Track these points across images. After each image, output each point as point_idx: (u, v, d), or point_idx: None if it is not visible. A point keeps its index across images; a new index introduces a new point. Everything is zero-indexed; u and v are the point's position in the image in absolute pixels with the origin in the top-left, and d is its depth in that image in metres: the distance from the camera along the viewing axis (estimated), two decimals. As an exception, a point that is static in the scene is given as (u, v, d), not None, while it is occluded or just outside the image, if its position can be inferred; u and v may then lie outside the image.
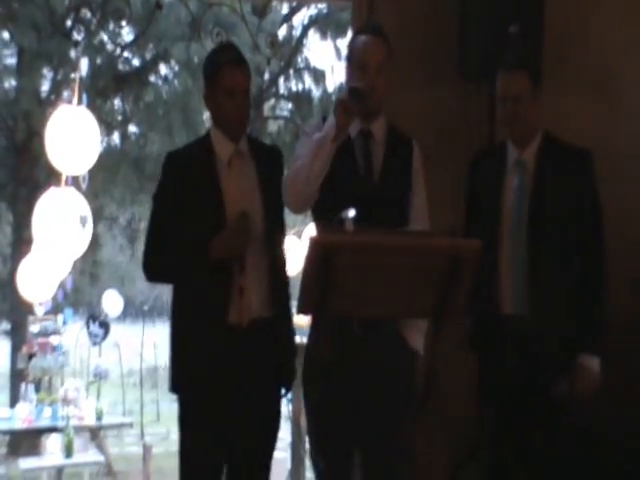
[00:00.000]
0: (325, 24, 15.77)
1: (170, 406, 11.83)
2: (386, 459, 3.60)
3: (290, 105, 16.68)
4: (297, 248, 9.72)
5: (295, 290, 3.47)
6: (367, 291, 3.32)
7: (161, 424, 16.02)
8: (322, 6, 15.73)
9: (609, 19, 4.87)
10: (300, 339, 3.86)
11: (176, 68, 15.16)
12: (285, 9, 15.95)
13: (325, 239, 3.26)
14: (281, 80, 16.46)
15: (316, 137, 3.59)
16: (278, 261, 3.82)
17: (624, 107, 4.89)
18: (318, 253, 3.22)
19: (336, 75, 16.27)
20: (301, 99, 15.98)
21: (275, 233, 3.83)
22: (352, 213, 3.30)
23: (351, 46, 3.78)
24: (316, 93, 16.17)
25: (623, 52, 4.86)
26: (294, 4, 15.56)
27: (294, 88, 16.30)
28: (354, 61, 3.73)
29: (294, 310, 3.50)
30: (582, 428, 4.07)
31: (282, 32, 16.12)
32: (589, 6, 4.86)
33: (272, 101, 16.89)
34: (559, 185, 3.83)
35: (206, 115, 16.05)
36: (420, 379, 3.61)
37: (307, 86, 15.91)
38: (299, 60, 16.34)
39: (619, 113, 4.87)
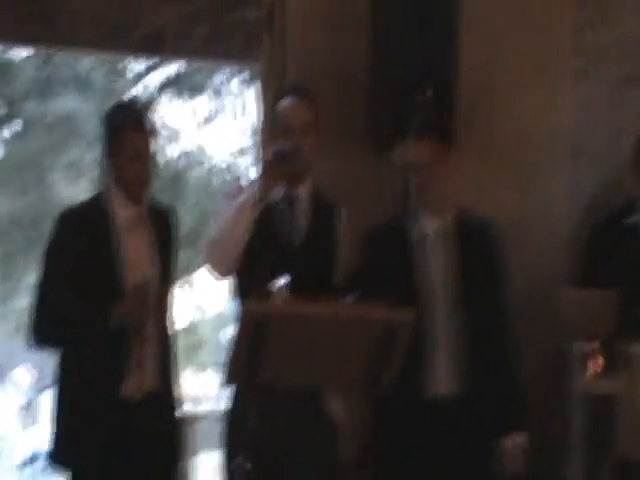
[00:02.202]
0: (181, 84, 15.64)
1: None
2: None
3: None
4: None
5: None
6: (298, 360, 3.25)
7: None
8: (178, 66, 15.62)
9: (518, 83, 4.87)
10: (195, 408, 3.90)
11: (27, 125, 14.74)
12: (141, 68, 15.76)
13: (257, 308, 3.18)
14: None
15: (238, 201, 3.51)
16: (168, 330, 3.76)
17: (532, 174, 4.88)
18: (249, 321, 3.15)
19: (190, 135, 16.17)
20: (154, 158, 15.77)
21: (168, 301, 3.76)
22: (284, 280, 3.25)
23: (277, 108, 3.72)
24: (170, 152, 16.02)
25: (533, 117, 4.87)
26: (150, 63, 15.41)
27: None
28: (279, 123, 3.68)
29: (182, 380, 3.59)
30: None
31: (136, 91, 15.92)
32: (499, 70, 4.86)
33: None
34: (475, 257, 3.77)
35: (59, 174, 15.68)
36: (348, 448, 3.61)
37: (161, 144, 15.70)
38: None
39: (527, 180, 4.86)
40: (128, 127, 3.61)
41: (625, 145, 4.86)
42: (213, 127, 15.64)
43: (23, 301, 17.26)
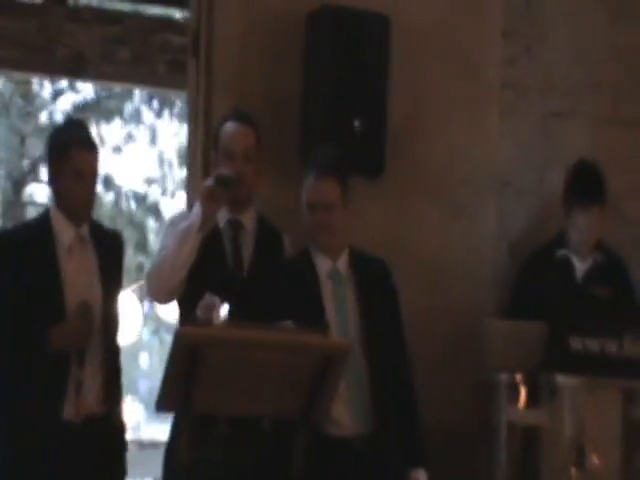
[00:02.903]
0: (93, 110, 15.45)
1: None
2: None
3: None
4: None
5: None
6: (233, 388, 3.22)
7: None
8: (88, 92, 15.43)
9: (446, 116, 4.87)
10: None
11: None
12: (48, 93, 15.53)
13: (191, 332, 3.17)
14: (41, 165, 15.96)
15: (181, 226, 3.48)
16: (114, 352, 3.71)
17: (458, 206, 4.88)
18: (184, 346, 3.12)
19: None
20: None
21: (112, 323, 3.71)
22: (224, 308, 3.23)
23: (218, 133, 3.70)
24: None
25: (459, 149, 4.88)
26: (58, 89, 15.22)
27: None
28: (221, 148, 3.66)
29: (126, 404, 3.62)
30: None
31: (44, 117, 15.68)
32: (427, 102, 4.84)
33: (32, 186, 16.32)
34: (375, 295, 3.76)
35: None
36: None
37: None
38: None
39: (453, 213, 4.85)
40: (73, 144, 3.58)
41: (552, 179, 4.93)
42: (124, 154, 15.49)
43: None
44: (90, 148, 3.63)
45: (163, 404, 3.23)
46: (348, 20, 4.50)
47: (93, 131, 4.49)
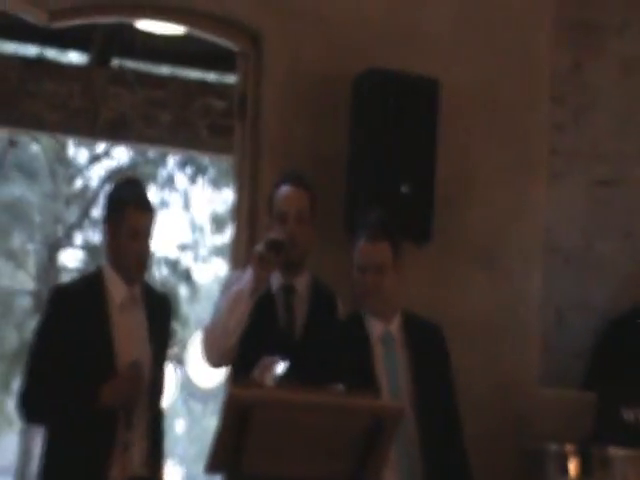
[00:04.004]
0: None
1: None
2: None
3: (84, 255, 16.20)
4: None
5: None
6: (283, 450, 3.17)
7: None
8: (123, 159, 15.56)
9: (494, 181, 4.85)
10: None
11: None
12: (84, 159, 15.67)
13: (242, 393, 3.13)
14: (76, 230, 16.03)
15: (233, 290, 3.49)
16: (159, 415, 3.67)
17: (505, 271, 4.83)
18: (234, 407, 3.09)
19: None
20: (96, 250, 15.54)
21: (159, 385, 3.68)
22: (283, 367, 3.25)
23: (272, 197, 3.70)
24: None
25: (507, 215, 4.84)
26: (93, 155, 15.35)
27: (90, 239, 15.86)
28: (275, 212, 3.66)
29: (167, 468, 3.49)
30: None
31: (79, 183, 15.81)
32: (475, 168, 4.83)
33: (67, 251, 16.40)
34: (428, 360, 3.71)
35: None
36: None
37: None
38: (95, 211, 15.98)
39: (500, 277, 4.80)
40: (130, 204, 3.57)
41: (599, 245, 4.90)
42: (157, 220, 15.54)
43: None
44: (146, 208, 3.63)
45: (213, 465, 3.17)
46: (396, 83, 4.48)
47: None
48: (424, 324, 3.80)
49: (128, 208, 3.56)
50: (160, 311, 3.74)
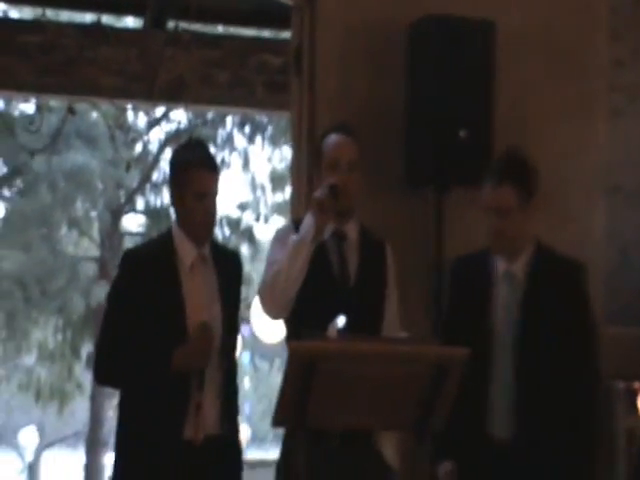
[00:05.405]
0: (184, 138, 15.63)
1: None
2: None
3: (146, 220, 16.35)
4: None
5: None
6: (348, 401, 3.18)
7: None
8: (181, 121, 15.64)
9: (553, 121, 4.81)
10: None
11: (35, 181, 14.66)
12: (143, 123, 15.77)
13: (306, 346, 3.14)
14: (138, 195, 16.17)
15: (292, 239, 3.51)
16: (232, 373, 3.69)
17: (567, 212, 4.82)
18: (297, 360, 3.10)
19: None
20: (158, 214, 15.68)
21: (231, 344, 3.70)
22: (342, 321, 3.26)
23: (322, 146, 3.71)
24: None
25: (567, 155, 4.81)
26: (152, 119, 15.45)
27: (151, 203, 16.00)
28: (326, 160, 3.66)
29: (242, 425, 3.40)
30: None
31: (139, 148, 15.93)
32: (533, 109, 4.80)
33: (129, 216, 16.57)
34: (550, 299, 3.67)
35: (64, 231, 15.61)
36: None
37: (165, 201, 15.57)
38: (156, 175, 16.10)
39: (562, 218, 4.78)
40: (194, 165, 3.56)
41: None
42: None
43: (26, 360, 17.16)
44: (211, 169, 3.61)
45: (279, 419, 3.19)
46: (453, 28, 4.46)
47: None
48: (560, 261, 3.79)
49: (193, 170, 3.56)
50: (231, 269, 3.74)
